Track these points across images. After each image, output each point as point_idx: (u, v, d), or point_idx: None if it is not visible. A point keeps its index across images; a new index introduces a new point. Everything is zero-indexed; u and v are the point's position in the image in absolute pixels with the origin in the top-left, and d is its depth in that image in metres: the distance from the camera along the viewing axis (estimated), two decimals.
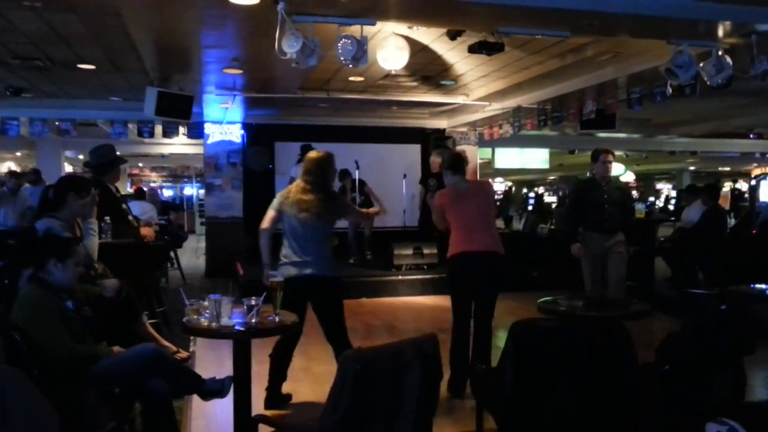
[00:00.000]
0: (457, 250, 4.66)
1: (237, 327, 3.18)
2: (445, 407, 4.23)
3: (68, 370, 3.07)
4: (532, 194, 22.84)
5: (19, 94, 8.99)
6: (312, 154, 4.39)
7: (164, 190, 18.98)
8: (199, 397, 3.49)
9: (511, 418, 2.92)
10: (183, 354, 4.56)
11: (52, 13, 5.35)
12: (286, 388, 4.50)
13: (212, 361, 5.43)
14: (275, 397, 4.37)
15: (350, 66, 4.85)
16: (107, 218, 5.01)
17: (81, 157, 15.54)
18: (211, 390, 3.42)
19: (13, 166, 17.32)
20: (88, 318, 3.41)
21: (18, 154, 17.02)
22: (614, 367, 2.81)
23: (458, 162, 4.91)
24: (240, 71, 7.30)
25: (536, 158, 17.08)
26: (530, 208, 19.40)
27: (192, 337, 5.57)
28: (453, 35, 5.81)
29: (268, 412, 3.85)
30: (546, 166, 17.91)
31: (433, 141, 11.27)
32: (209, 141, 11.07)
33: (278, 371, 4.40)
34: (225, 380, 3.41)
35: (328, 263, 4.31)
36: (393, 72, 6.88)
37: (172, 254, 9.77)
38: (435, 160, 10.52)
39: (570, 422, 2.76)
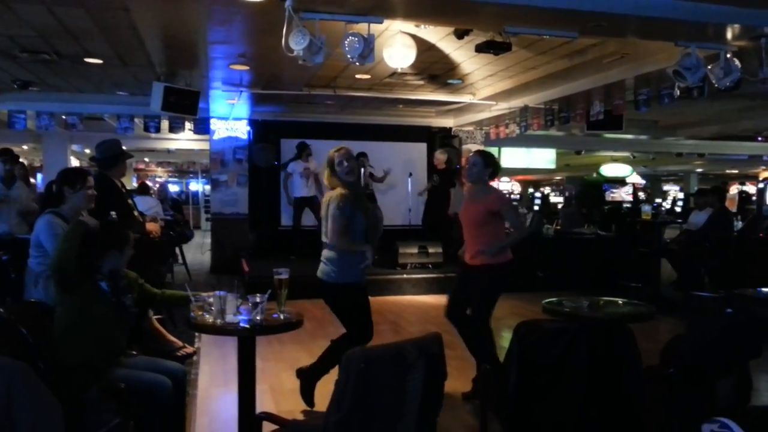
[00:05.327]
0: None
1: (242, 324, 3.19)
2: (450, 407, 4.22)
3: (75, 370, 3.04)
4: (538, 194, 22.84)
5: (27, 88, 9.02)
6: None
7: (170, 186, 19.04)
8: None
9: (515, 419, 2.92)
10: (188, 349, 4.56)
11: (60, 7, 5.36)
12: (290, 385, 4.51)
13: (217, 357, 5.46)
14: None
15: (357, 64, 4.84)
16: (113, 213, 5.01)
17: (87, 151, 15.59)
18: None
19: (20, 159, 17.37)
20: (126, 307, 3.35)
21: (25, 147, 17.05)
22: (618, 369, 2.80)
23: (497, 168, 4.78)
24: (247, 67, 7.30)
25: (543, 158, 17.06)
26: (536, 208, 19.37)
27: (197, 333, 5.58)
28: (460, 34, 5.80)
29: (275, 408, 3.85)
30: (552, 166, 17.88)
31: (439, 140, 11.25)
32: (215, 137, 11.09)
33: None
34: None
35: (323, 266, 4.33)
36: (399, 70, 6.87)
37: (177, 250, 9.78)
38: (439, 157, 10.55)
39: (574, 424, 2.75)
